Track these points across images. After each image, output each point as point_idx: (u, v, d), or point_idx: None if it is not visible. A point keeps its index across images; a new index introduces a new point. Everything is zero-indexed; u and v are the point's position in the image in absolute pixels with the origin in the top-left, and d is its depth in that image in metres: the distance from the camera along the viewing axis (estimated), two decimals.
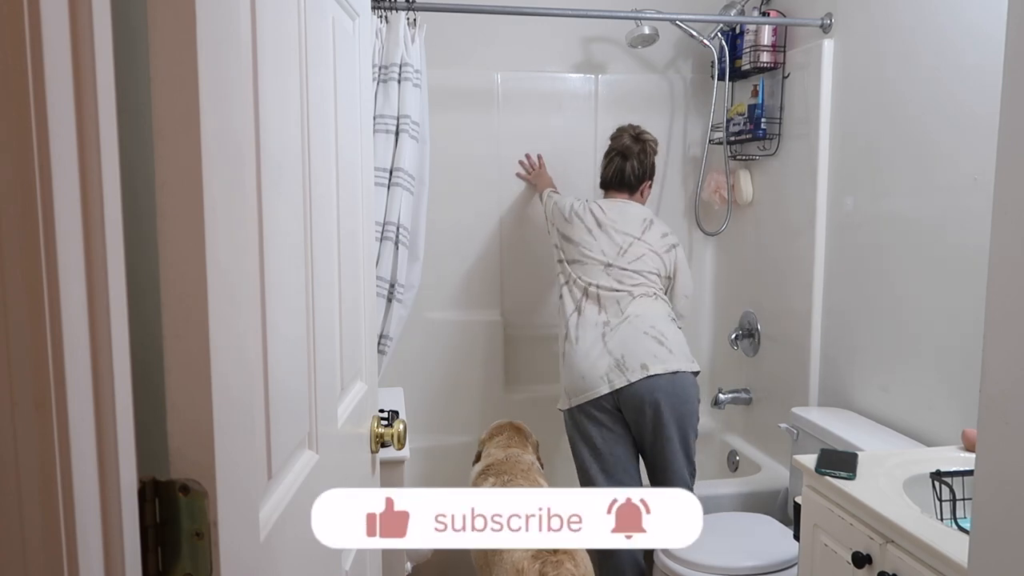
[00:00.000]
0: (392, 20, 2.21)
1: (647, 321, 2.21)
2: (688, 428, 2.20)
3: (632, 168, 2.39)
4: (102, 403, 0.49)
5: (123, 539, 0.51)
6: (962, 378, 1.85)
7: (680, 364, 2.17)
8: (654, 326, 2.20)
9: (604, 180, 2.46)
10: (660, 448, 2.19)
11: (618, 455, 2.24)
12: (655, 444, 2.19)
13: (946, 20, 1.89)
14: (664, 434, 2.16)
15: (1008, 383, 0.70)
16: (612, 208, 2.38)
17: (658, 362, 2.14)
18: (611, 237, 2.32)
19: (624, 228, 2.33)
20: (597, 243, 2.32)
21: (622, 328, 2.20)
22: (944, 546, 1.20)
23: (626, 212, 2.37)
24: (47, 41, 0.44)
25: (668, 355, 2.16)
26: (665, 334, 2.19)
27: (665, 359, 2.15)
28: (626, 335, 2.19)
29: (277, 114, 0.78)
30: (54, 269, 0.45)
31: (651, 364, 2.14)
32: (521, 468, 2.07)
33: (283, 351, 0.80)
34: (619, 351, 2.18)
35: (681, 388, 2.16)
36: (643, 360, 2.14)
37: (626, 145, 2.40)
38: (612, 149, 2.44)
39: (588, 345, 2.23)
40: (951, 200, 1.89)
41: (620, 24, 2.81)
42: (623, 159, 2.40)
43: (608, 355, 2.19)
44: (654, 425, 2.16)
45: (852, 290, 2.29)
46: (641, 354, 2.15)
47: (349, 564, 1.11)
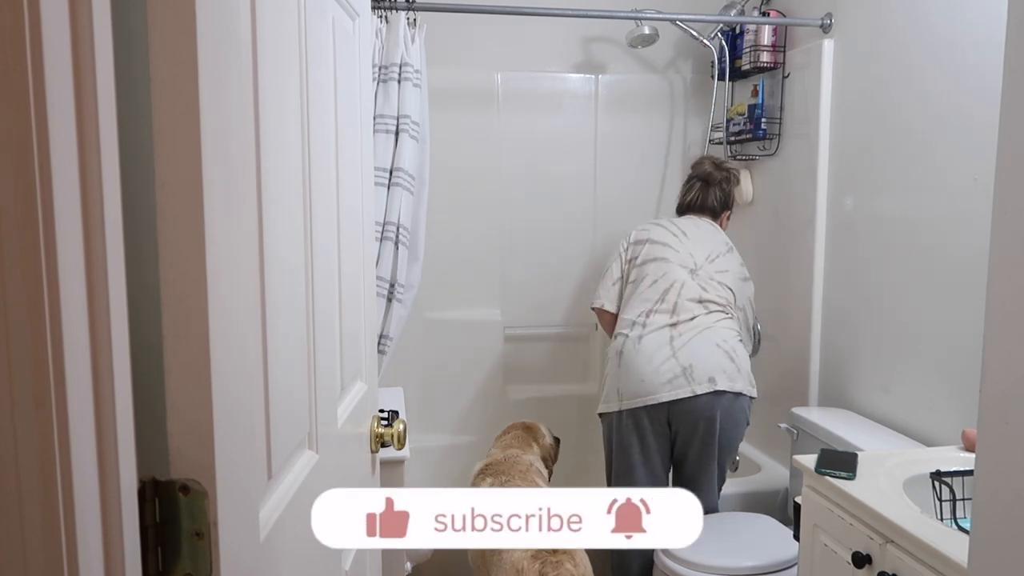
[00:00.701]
0: (392, 20, 2.22)
1: (720, 335, 2.13)
2: (731, 452, 2.17)
3: (715, 195, 2.39)
4: (102, 403, 0.49)
5: (123, 539, 0.51)
6: (962, 378, 1.85)
7: (744, 386, 2.12)
8: (727, 340, 2.13)
9: (684, 205, 2.42)
10: (699, 465, 2.15)
11: (646, 471, 2.17)
12: (697, 461, 2.14)
13: (945, 20, 1.89)
14: (708, 452, 2.12)
15: (1008, 383, 0.70)
16: (699, 223, 2.36)
17: (726, 378, 2.08)
18: (700, 244, 2.27)
19: (712, 239, 2.31)
20: (684, 246, 2.26)
21: (695, 337, 2.12)
22: (944, 546, 1.20)
23: (715, 229, 2.36)
24: (47, 41, 0.44)
25: (736, 373, 2.10)
26: (737, 351, 2.14)
27: (733, 377, 2.09)
28: (698, 345, 2.10)
29: (277, 114, 0.78)
30: (54, 269, 0.45)
31: (719, 379, 2.07)
32: (519, 468, 2.07)
33: (283, 351, 0.80)
34: (688, 359, 2.08)
35: (739, 410, 2.12)
36: (712, 373, 2.07)
37: (708, 172, 2.40)
38: (693, 176, 2.43)
39: (653, 349, 2.11)
40: (951, 200, 1.89)
41: (620, 24, 2.81)
42: (706, 185, 2.39)
43: (675, 362, 2.09)
44: (703, 442, 2.11)
45: (852, 290, 2.29)
46: (711, 367, 2.08)
47: (349, 564, 1.11)
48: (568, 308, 3.09)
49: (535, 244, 3.01)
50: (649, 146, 3.03)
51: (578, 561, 1.65)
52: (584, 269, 3.08)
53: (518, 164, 2.95)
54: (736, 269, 2.31)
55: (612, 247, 3.08)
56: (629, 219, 3.04)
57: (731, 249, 2.34)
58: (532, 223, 3.00)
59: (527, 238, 3.00)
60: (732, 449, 2.18)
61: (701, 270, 2.22)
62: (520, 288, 3.02)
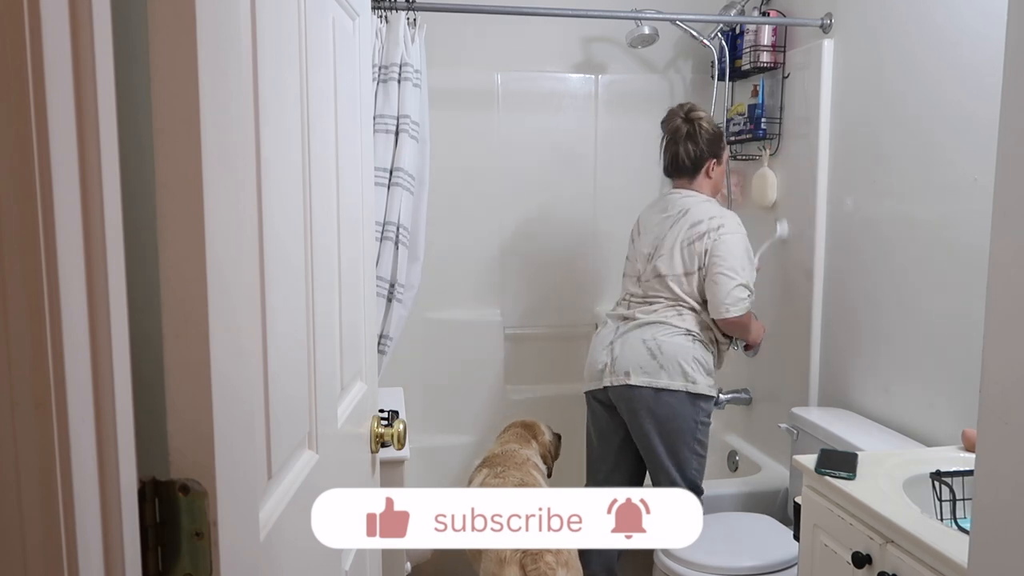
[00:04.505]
0: (392, 20, 2.21)
1: (652, 331, 2.16)
2: (678, 444, 2.15)
3: (687, 152, 2.20)
4: (102, 403, 0.49)
5: (123, 539, 0.51)
6: (962, 378, 1.85)
7: (666, 382, 2.11)
8: (655, 337, 2.14)
9: (664, 168, 2.31)
10: (648, 459, 2.21)
11: (602, 451, 2.29)
12: (644, 453, 2.21)
13: (945, 20, 1.89)
14: (647, 445, 2.16)
15: (1008, 383, 0.70)
16: (649, 212, 2.33)
17: (642, 374, 2.12)
18: (650, 236, 2.25)
19: (653, 230, 2.25)
20: (640, 240, 2.31)
21: (629, 331, 2.19)
22: (944, 546, 1.20)
23: (667, 207, 2.24)
24: (47, 41, 0.44)
25: (657, 369, 2.11)
26: (663, 348, 2.12)
27: (652, 372, 2.11)
28: (629, 339, 2.18)
29: (277, 114, 0.78)
30: (54, 269, 0.45)
31: (634, 374, 2.13)
32: (516, 461, 2.11)
33: (283, 351, 0.80)
34: (616, 353, 2.18)
35: (665, 406, 2.12)
36: (627, 368, 2.14)
37: (676, 127, 2.23)
38: (664, 135, 2.29)
39: (599, 340, 2.27)
40: (951, 200, 1.89)
41: (620, 24, 2.81)
42: (674, 142, 2.23)
43: (608, 353, 2.20)
44: (638, 433, 2.18)
45: (852, 290, 2.29)
46: (628, 362, 2.14)
47: (349, 564, 1.11)
48: (568, 308, 3.09)
49: (535, 244, 3.01)
50: (649, 146, 3.02)
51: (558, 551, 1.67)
52: (584, 269, 3.08)
53: (518, 164, 2.95)
54: (683, 234, 2.14)
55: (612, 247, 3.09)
56: (629, 219, 3.03)
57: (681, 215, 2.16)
58: (532, 223, 3.00)
59: (527, 238, 3.00)
60: (681, 443, 2.14)
61: (643, 272, 2.25)
62: (520, 288, 3.02)
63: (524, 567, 1.64)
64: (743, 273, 2.12)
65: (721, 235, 2.12)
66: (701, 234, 2.14)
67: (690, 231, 2.15)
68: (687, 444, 2.17)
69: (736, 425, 2.99)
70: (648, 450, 2.17)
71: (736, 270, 2.10)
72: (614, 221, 3.02)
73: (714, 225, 2.13)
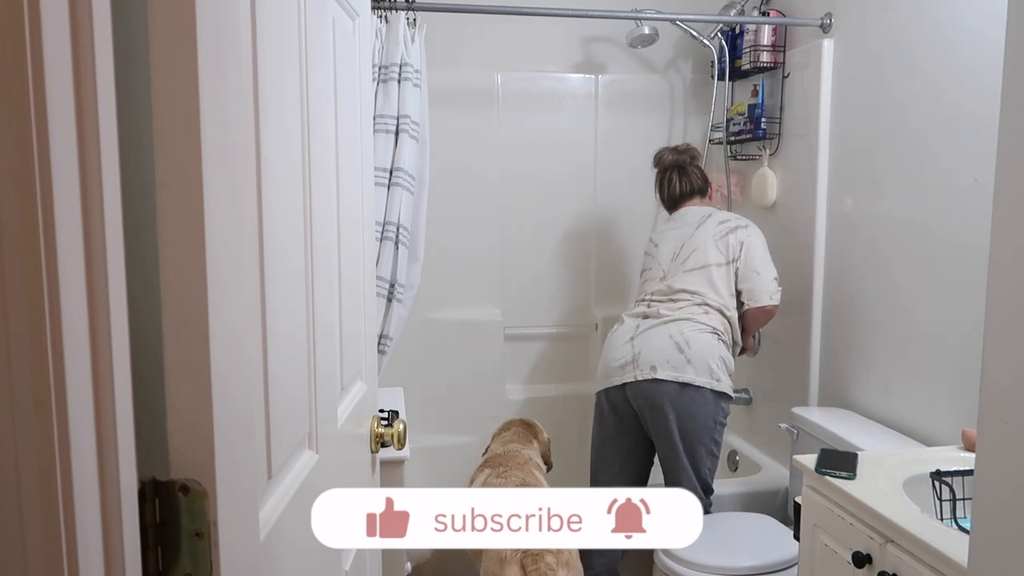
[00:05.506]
0: (392, 20, 2.22)
1: (679, 327, 2.17)
2: (696, 444, 2.15)
3: (695, 175, 2.41)
4: (102, 403, 0.49)
5: (123, 539, 0.51)
6: (962, 378, 1.85)
7: (692, 376, 2.11)
8: (683, 332, 2.15)
9: (676, 196, 2.42)
10: (666, 456, 2.19)
11: (607, 454, 2.27)
12: (662, 451, 2.20)
13: (945, 20, 1.89)
14: (666, 442, 2.15)
15: (1008, 383, 0.70)
16: (665, 227, 2.41)
17: (669, 368, 2.12)
18: (662, 253, 2.34)
19: (675, 237, 2.33)
20: (665, 239, 2.35)
21: (654, 328, 2.20)
22: (944, 546, 1.20)
23: (685, 216, 2.37)
24: (47, 41, 0.44)
25: (685, 364, 2.12)
26: (691, 343, 2.14)
27: (679, 367, 2.12)
28: (653, 335, 2.18)
29: (277, 114, 0.78)
30: (54, 269, 0.45)
31: (660, 368, 2.12)
32: (517, 461, 2.10)
33: (283, 351, 0.80)
34: (639, 348, 2.18)
35: (691, 401, 2.12)
36: (654, 362, 2.13)
37: (675, 159, 2.42)
38: (666, 169, 2.43)
39: (617, 337, 2.26)
40: (951, 200, 1.89)
41: (620, 24, 2.81)
42: (682, 171, 2.41)
43: (630, 349, 2.20)
44: (657, 430, 2.16)
45: (852, 290, 2.29)
46: (655, 356, 2.14)
47: (349, 564, 1.11)
48: (568, 308, 3.09)
49: (535, 244, 3.02)
50: (649, 146, 3.01)
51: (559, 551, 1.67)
52: (584, 269, 3.08)
53: (518, 164, 2.95)
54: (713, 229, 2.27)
55: (612, 247, 3.09)
56: (629, 219, 3.05)
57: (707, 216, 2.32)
58: (532, 223, 3.00)
59: (527, 238, 3.00)
60: (699, 442, 2.15)
61: (669, 270, 2.29)
62: (520, 288, 3.02)
63: (524, 567, 1.64)
64: (772, 268, 2.29)
65: (749, 234, 2.29)
66: (732, 228, 2.28)
67: (720, 227, 2.29)
68: (704, 443, 2.18)
69: (736, 425, 2.99)
70: (667, 447, 2.16)
71: (769, 265, 2.28)
72: (614, 221, 3.02)
73: (742, 223, 2.31)
